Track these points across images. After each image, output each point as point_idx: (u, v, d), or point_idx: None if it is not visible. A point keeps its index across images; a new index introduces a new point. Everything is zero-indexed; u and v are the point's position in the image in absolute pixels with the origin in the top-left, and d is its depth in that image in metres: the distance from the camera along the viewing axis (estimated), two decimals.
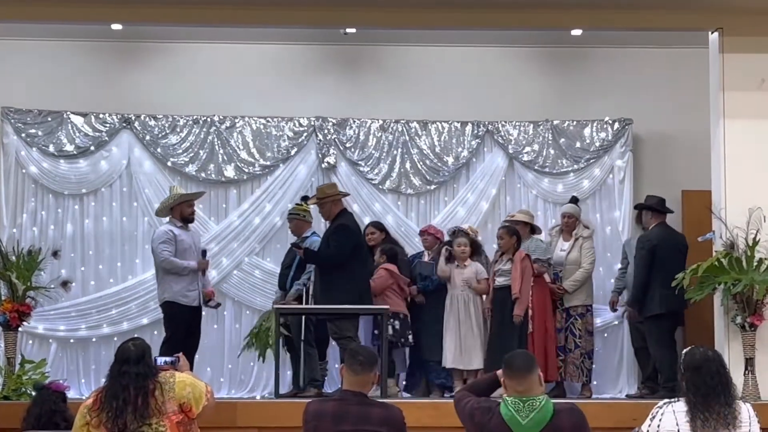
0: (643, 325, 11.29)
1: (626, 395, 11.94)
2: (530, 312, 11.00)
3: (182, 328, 10.59)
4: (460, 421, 6.03)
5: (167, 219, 11.03)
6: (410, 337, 11.29)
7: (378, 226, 11.97)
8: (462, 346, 11.03)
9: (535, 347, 10.90)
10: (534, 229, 11.80)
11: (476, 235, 11.79)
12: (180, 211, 10.88)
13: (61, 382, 7.95)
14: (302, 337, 11.07)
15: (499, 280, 11.03)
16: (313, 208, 11.37)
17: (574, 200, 12.06)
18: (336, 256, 10.56)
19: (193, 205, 11.10)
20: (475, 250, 11.41)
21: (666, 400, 6.16)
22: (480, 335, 11.07)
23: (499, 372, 5.99)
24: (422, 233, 12.01)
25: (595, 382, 12.50)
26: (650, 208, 11.38)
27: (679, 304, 10.94)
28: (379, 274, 11.21)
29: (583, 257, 11.59)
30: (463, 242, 11.32)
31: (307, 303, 11.03)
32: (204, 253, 11.05)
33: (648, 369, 11.42)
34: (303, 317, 11.05)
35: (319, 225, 11.59)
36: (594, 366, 12.57)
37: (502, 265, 11.06)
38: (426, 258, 11.81)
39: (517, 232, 11.22)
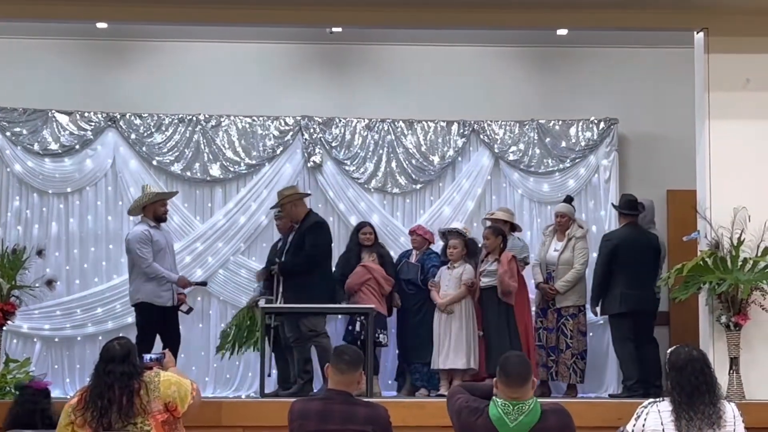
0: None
1: (609, 395, 11.93)
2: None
3: (154, 328, 10.64)
4: (449, 416, 6.03)
5: (140, 218, 11.09)
6: (381, 336, 11.26)
7: (372, 226, 11.96)
8: (449, 347, 11.02)
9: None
10: (514, 227, 11.79)
11: (468, 234, 11.76)
12: (153, 210, 10.94)
13: (42, 379, 7.94)
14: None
15: (485, 281, 11.04)
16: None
17: (569, 200, 11.97)
18: (311, 256, 10.63)
19: (166, 204, 11.15)
20: (470, 252, 11.37)
21: (651, 400, 6.17)
22: (468, 335, 11.04)
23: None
24: (411, 233, 11.98)
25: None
26: (616, 208, 11.42)
27: (644, 303, 10.96)
28: (354, 271, 11.21)
29: (576, 258, 11.49)
30: (453, 244, 11.30)
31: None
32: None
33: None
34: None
35: None
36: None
37: (488, 266, 11.07)
38: (413, 258, 11.79)
39: (503, 232, 11.23)
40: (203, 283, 11.79)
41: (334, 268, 11.40)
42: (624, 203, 11.42)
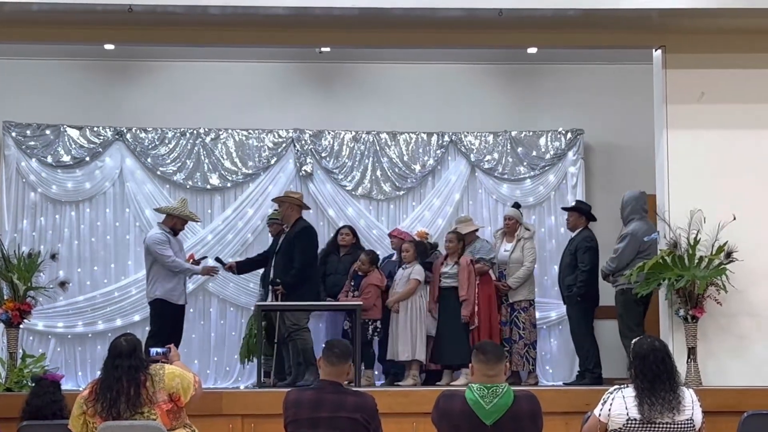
0: (572, 310, 11.28)
1: (563, 383, 11.87)
2: (476, 309, 10.99)
3: (168, 324, 10.63)
4: (433, 421, 5.99)
5: (158, 221, 11.11)
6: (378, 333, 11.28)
7: (351, 229, 11.98)
8: (396, 341, 11.03)
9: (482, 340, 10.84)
10: (477, 228, 11.80)
11: (424, 238, 11.77)
12: (175, 223, 10.95)
13: (54, 371, 7.93)
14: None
15: (447, 282, 11.05)
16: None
17: (516, 206, 11.98)
18: (304, 263, 10.68)
19: (186, 224, 11.21)
20: (419, 253, 11.34)
21: (616, 386, 6.18)
22: (412, 330, 11.02)
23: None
24: (390, 236, 12.03)
25: (549, 370, 12.58)
26: (580, 211, 11.41)
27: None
28: (368, 292, 11.14)
29: (525, 256, 11.48)
30: (406, 247, 11.33)
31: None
32: (198, 261, 11.31)
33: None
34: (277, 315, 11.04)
35: None
36: (547, 355, 12.66)
37: (448, 269, 11.07)
38: (395, 258, 11.81)
39: (463, 237, 11.24)
40: (204, 257, 11.79)
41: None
42: (587, 208, 11.47)
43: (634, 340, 6.31)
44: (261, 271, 11.85)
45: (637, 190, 10.88)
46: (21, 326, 10.17)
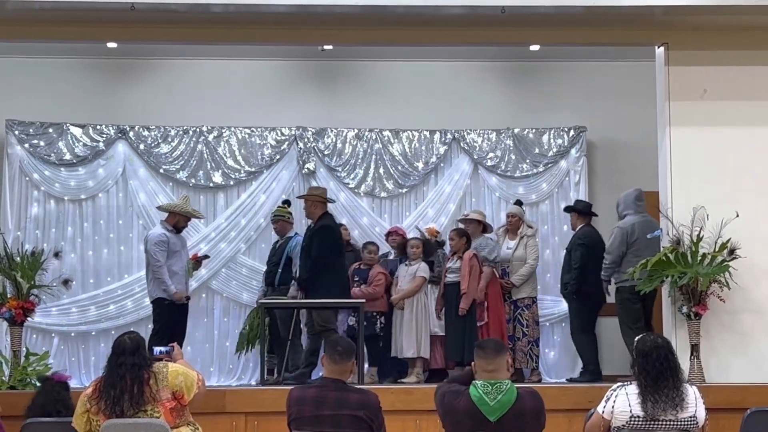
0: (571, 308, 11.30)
1: (566, 379, 11.87)
2: (485, 304, 10.96)
3: (170, 322, 10.56)
4: (436, 408, 6.01)
5: (161, 218, 11.02)
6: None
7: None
8: (401, 338, 11.02)
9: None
10: (486, 228, 11.75)
11: (434, 236, 11.74)
12: (177, 220, 10.84)
13: (63, 372, 7.96)
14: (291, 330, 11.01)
15: (450, 277, 11.03)
16: (298, 212, 11.52)
17: (519, 203, 12.01)
18: (319, 259, 10.54)
19: (189, 220, 11.09)
20: (426, 251, 11.36)
21: (620, 383, 6.18)
22: (417, 327, 11.01)
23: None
24: (390, 233, 11.98)
25: (553, 367, 12.57)
26: (576, 210, 11.43)
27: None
28: (379, 279, 11.15)
29: (528, 254, 11.47)
30: (414, 243, 11.33)
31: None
32: (200, 260, 11.21)
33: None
34: (294, 312, 11.01)
35: (301, 226, 11.60)
36: (550, 353, 12.66)
37: (452, 264, 11.07)
38: (392, 256, 11.79)
39: (467, 233, 11.23)
40: (206, 256, 11.83)
41: None
42: (584, 206, 11.48)
43: (637, 338, 6.31)
44: (264, 268, 11.86)
45: (631, 188, 10.95)
46: (24, 324, 10.17)
